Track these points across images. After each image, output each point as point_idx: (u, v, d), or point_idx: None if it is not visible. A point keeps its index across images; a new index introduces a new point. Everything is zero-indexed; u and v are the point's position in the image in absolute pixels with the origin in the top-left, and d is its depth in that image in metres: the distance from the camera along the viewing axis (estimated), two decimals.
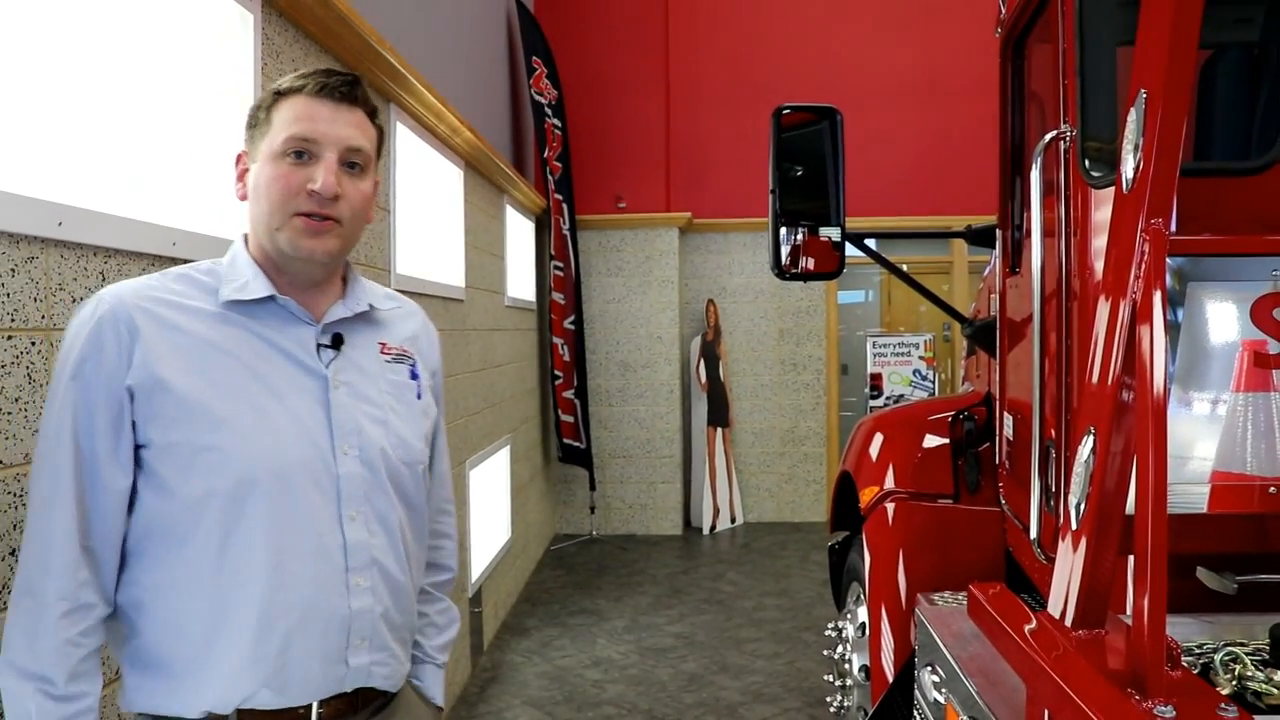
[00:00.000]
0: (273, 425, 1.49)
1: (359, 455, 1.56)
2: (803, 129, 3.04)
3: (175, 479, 1.45)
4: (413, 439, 1.67)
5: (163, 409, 1.44)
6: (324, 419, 1.54)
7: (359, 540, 1.55)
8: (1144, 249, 1.38)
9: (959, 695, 1.99)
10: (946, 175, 8.42)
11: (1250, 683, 1.52)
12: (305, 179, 1.51)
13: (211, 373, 1.47)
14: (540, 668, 5.30)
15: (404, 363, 1.71)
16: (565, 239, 7.94)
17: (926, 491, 3.10)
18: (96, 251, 1.99)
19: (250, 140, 1.58)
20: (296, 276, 1.58)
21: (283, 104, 1.53)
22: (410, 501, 1.66)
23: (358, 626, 1.55)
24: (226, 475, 1.45)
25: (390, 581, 1.60)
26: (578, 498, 8.48)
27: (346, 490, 1.54)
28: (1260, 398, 1.78)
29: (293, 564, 1.49)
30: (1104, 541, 1.40)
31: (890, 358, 8.46)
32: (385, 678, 1.61)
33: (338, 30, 3.25)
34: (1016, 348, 2.61)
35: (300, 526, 1.50)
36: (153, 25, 2.21)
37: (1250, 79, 2.08)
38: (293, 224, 1.52)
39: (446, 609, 1.90)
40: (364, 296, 1.67)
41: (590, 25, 8.55)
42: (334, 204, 1.53)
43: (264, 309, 1.55)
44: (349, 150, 1.55)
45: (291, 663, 1.49)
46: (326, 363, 1.57)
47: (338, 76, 1.56)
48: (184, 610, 1.47)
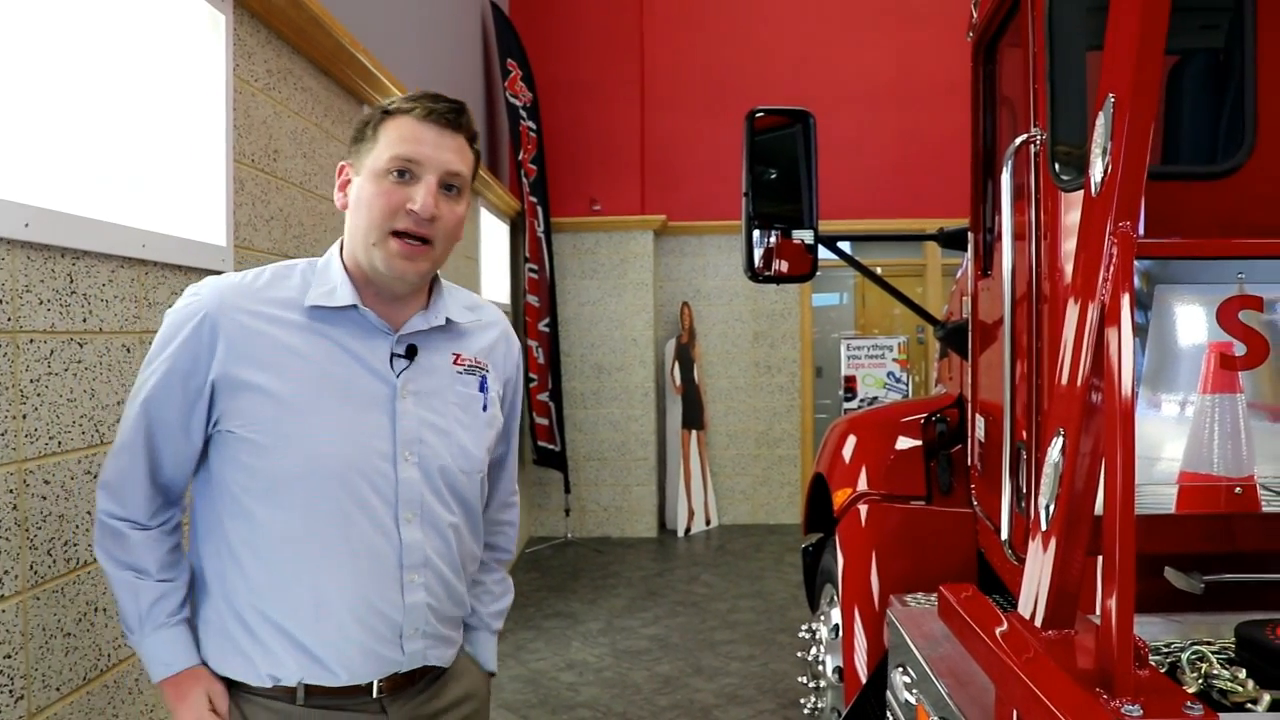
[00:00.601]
0: (342, 429, 1.61)
1: (418, 463, 1.67)
2: (776, 132, 3.04)
3: (250, 469, 1.59)
4: (474, 449, 1.76)
5: (240, 406, 1.58)
6: (389, 426, 1.65)
7: (414, 541, 1.66)
8: (1112, 252, 1.39)
9: (930, 696, 2.00)
10: (920, 178, 8.46)
11: (1216, 681, 1.53)
12: (405, 198, 1.60)
13: (289, 375, 1.59)
14: (514, 671, 5.28)
15: (475, 374, 1.79)
16: (540, 241, 7.93)
17: (899, 493, 3.11)
18: (64, 253, 1.98)
19: (355, 154, 1.68)
20: (383, 289, 1.67)
21: (390, 123, 1.63)
22: (467, 506, 1.77)
23: (411, 619, 1.67)
24: (293, 473, 1.58)
25: (442, 580, 1.71)
26: (552, 500, 8.46)
27: (404, 494, 1.65)
28: (1226, 399, 1.80)
29: (350, 560, 1.61)
30: (1073, 542, 1.41)
31: (864, 360, 8.48)
32: (439, 658, 1.75)
33: (310, 31, 3.23)
34: (988, 350, 2.63)
35: (358, 525, 1.61)
36: (123, 26, 2.19)
37: (1216, 84, 2.10)
38: (389, 244, 1.61)
39: (502, 579, 2.02)
40: (443, 310, 1.75)
41: (565, 28, 8.54)
42: (430, 225, 1.62)
43: (345, 316, 1.65)
44: (448, 174, 1.64)
45: (350, 649, 1.62)
46: (398, 372, 1.67)
47: (445, 103, 1.65)
48: (250, 587, 1.60)
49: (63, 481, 1.99)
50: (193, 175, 2.54)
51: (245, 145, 2.86)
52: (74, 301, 2.02)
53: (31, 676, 1.87)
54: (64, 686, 1.97)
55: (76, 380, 2.05)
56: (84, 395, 2.07)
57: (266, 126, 3.03)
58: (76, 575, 2.04)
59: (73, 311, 2.02)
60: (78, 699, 2.02)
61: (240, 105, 2.83)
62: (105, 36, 2.12)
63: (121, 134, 2.18)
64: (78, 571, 2.04)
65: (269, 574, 1.60)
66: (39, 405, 1.93)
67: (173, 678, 1.62)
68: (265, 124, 3.02)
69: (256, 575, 1.60)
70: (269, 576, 1.60)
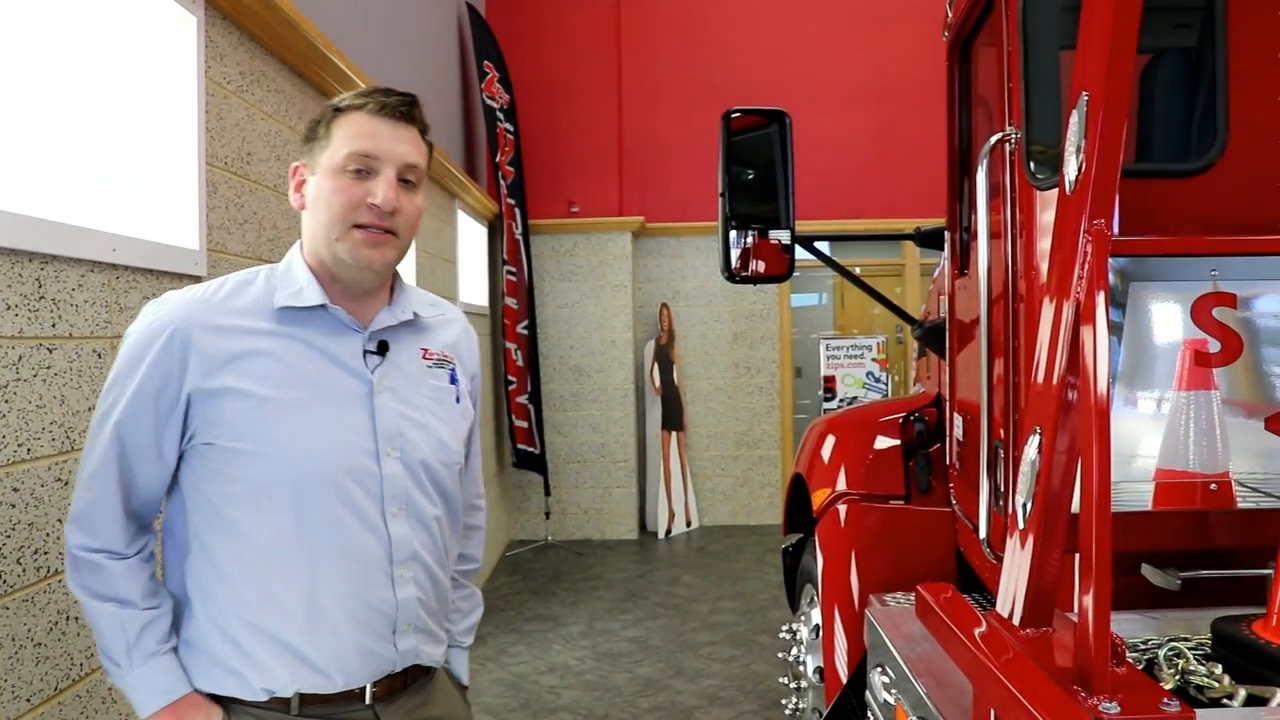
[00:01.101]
0: (323, 429, 1.61)
1: (400, 457, 1.67)
2: (752, 132, 3.04)
3: (231, 477, 1.57)
4: (451, 440, 1.78)
5: (222, 416, 1.57)
6: (369, 422, 1.65)
7: (401, 535, 1.67)
8: (1087, 249, 1.39)
9: (908, 696, 2.00)
10: (897, 178, 8.49)
11: (1193, 677, 1.53)
12: (365, 193, 1.61)
13: (266, 380, 1.59)
14: (496, 675, 5.27)
15: (444, 368, 1.81)
16: (518, 243, 7.91)
17: (878, 493, 3.11)
18: (32, 257, 1.95)
19: (309, 153, 1.67)
20: (350, 285, 1.68)
21: (343, 120, 1.63)
22: (448, 499, 1.78)
23: (404, 614, 1.67)
24: (279, 476, 1.57)
25: (429, 573, 1.72)
26: (532, 503, 8.44)
27: (389, 489, 1.66)
28: (1201, 396, 1.80)
29: (341, 558, 1.61)
30: (1050, 540, 1.41)
31: (844, 360, 8.50)
32: (429, 656, 1.75)
33: (283, 33, 3.21)
34: (965, 349, 2.63)
35: (347, 524, 1.61)
36: (90, 27, 2.17)
37: (1188, 83, 2.11)
38: (352, 235, 1.62)
39: (471, 595, 2.04)
40: (409, 305, 1.77)
41: (542, 29, 8.54)
42: (391, 217, 1.63)
43: (315, 316, 1.66)
44: (406, 167, 1.65)
45: (345, 650, 1.62)
46: (372, 369, 1.68)
47: (397, 96, 1.66)
48: (238, 600, 1.59)
49: (32, 489, 1.97)
50: (164, 178, 2.51)
51: (218, 148, 2.84)
52: (43, 306, 2.00)
53: (1, 687, 1.85)
54: (34, 697, 1.95)
55: (46, 386, 2.02)
56: (54, 401, 2.05)
57: (239, 129, 3.01)
58: (47, 584, 2.01)
59: (41, 317, 2.00)
60: (49, 709, 1.99)
61: (212, 107, 2.81)
62: (73, 38, 2.10)
63: (91, 137, 2.16)
64: (48, 580, 2.01)
65: (258, 583, 1.58)
66: (7, 412, 1.90)
67: (170, 706, 1.58)
68: (238, 126, 3.00)
69: (244, 587, 1.58)
70: (258, 586, 1.58)
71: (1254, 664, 1.53)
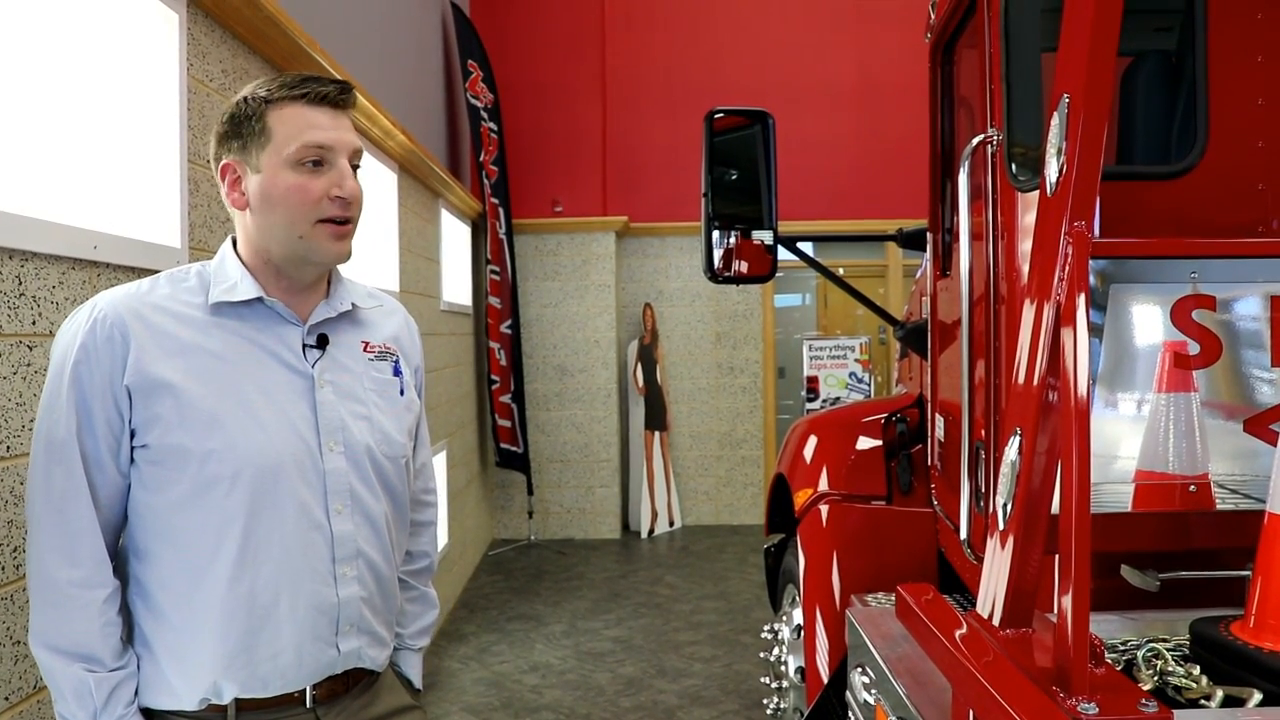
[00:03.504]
0: (262, 425, 1.56)
1: (344, 451, 1.63)
2: (735, 133, 3.05)
3: (171, 479, 1.52)
4: (396, 434, 1.73)
5: (158, 412, 1.51)
6: (310, 417, 1.61)
7: (345, 532, 1.63)
8: (1067, 251, 1.39)
9: (888, 696, 2.00)
10: (881, 179, 8.51)
11: (1171, 678, 1.54)
12: (325, 185, 1.57)
13: (204, 376, 1.54)
14: (478, 674, 5.26)
15: (387, 360, 1.77)
16: (501, 243, 7.90)
17: (860, 493, 3.12)
18: (12, 255, 1.94)
19: (241, 150, 1.59)
20: (295, 280, 1.64)
21: (278, 113, 1.57)
22: (394, 494, 1.74)
23: (346, 614, 1.63)
24: (219, 474, 1.52)
25: (374, 570, 1.68)
26: (515, 502, 8.43)
27: (333, 485, 1.62)
28: (1181, 398, 1.82)
29: (283, 557, 1.56)
30: (1030, 541, 1.42)
31: (827, 360, 8.51)
32: (373, 659, 1.70)
33: (266, 31, 3.20)
34: (947, 350, 2.64)
35: (290, 521, 1.57)
36: (71, 24, 2.16)
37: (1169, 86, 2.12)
38: (319, 231, 1.58)
39: (422, 595, 1.96)
40: (347, 296, 1.73)
41: (527, 29, 8.52)
42: (351, 206, 1.61)
43: (252, 310, 1.61)
44: (355, 152, 1.63)
45: (284, 652, 1.57)
46: (312, 362, 1.64)
47: (332, 84, 1.61)
48: (178, 605, 1.54)
49: (12, 486, 1.95)
50: (146, 176, 2.50)
51: (200, 145, 2.82)
52: (23, 304, 1.99)
53: None
54: (13, 695, 1.93)
55: (26, 384, 2.01)
56: (33, 399, 2.03)
57: None
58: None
59: (22, 314, 1.99)
60: (27, 708, 1.98)
61: (195, 105, 2.79)
62: (53, 35, 2.08)
63: (71, 134, 2.14)
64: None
65: (196, 587, 1.53)
66: None
67: None
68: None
69: (183, 591, 1.53)
70: (196, 589, 1.53)
71: (1232, 665, 1.54)
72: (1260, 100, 2.22)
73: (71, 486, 1.50)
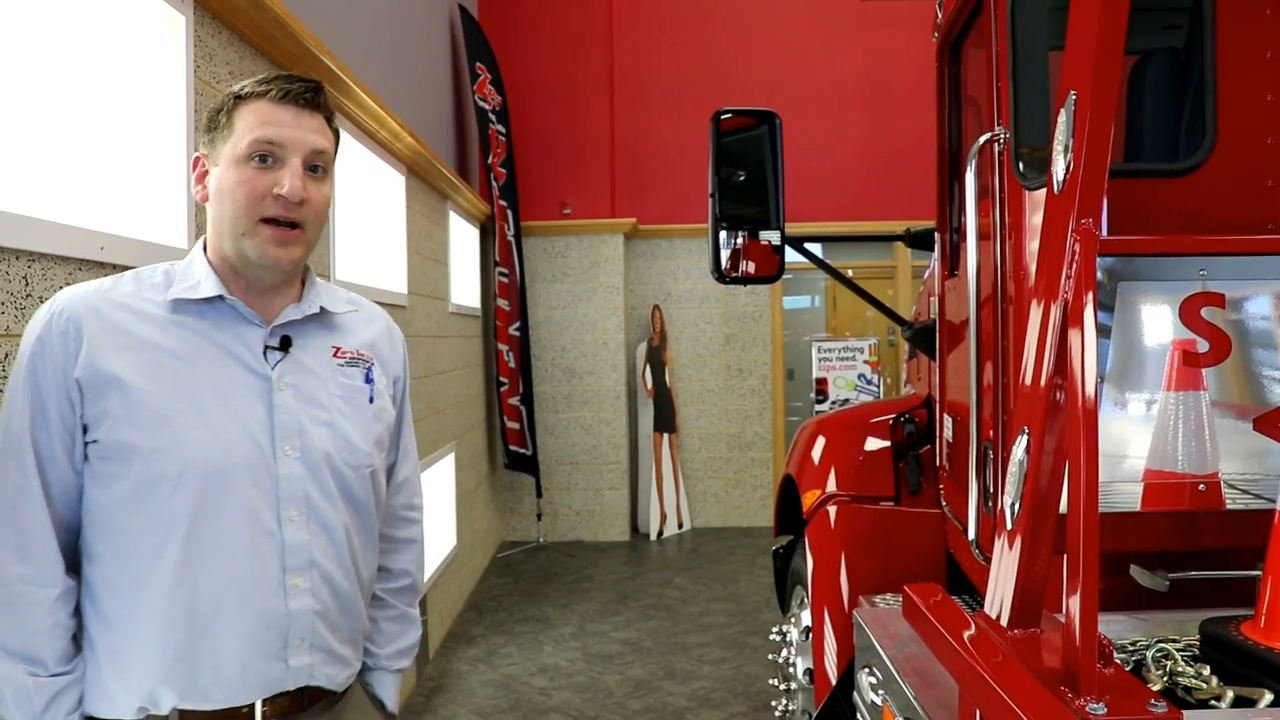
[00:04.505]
0: (214, 425, 1.51)
1: (300, 456, 1.58)
2: (742, 133, 3.04)
3: (117, 475, 1.48)
4: (360, 442, 1.67)
5: (109, 407, 1.47)
6: (266, 419, 1.56)
7: (298, 541, 1.56)
8: (1074, 249, 1.38)
9: (895, 697, 1.99)
10: (889, 181, 8.49)
11: (1181, 678, 1.53)
12: (271, 183, 1.53)
13: (156, 373, 1.50)
14: (486, 676, 5.25)
15: (358, 366, 1.71)
16: (510, 245, 7.90)
17: (868, 494, 3.11)
18: (19, 255, 1.94)
19: (210, 143, 1.59)
20: (253, 281, 1.60)
21: (244, 108, 1.56)
22: (358, 504, 1.67)
23: (296, 627, 1.56)
24: (164, 473, 1.48)
25: (331, 583, 1.61)
26: (524, 505, 8.43)
27: (286, 491, 1.56)
28: (1190, 397, 1.80)
29: (227, 563, 1.51)
30: (1038, 541, 1.41)
31: (835, 362, 8.49)
32: (329, 678, 1.63)
33: (273, 33, 3.20)
34: (955, 350, 2.63)
35: (238, 526, 1.52)
36: (79, 26, 2.16)
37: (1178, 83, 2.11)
38: (260, 231, 1.54)
39: (399, 615, 1.88)
40: (317, 300, 1.68)
41: (534, 31, 8.53)
42: (299, 208, 1.55)
43: (213, 309, 1.58)
44: (313, 153, 1.58)
45: (227, 664, 1.51)
46: (273, 364, 1.59)
47: (300, 82, 1.59)
48: (120, 608, 1.50)
49: None
50: (153, 177, 2.50)
51: None
52: (29, 305, 1.99)
53: None
54: None
55: None
56: None
57: None
58: None
59: (29, 315, 1.99)
60: None
61: (202, 106, 2.79)
62: (62, 37, 2.09)
63: (80, 135, 2.15)
64: None
65: (139, 590, 1.49)
66: None
67: None
68: None
69: (126, 594, 1.49)
70: (140, 593, 1.49)
71: (1242, 665, 1.53)
72: (1269, 97, 2.20)
73: (24, 482, 1.47)
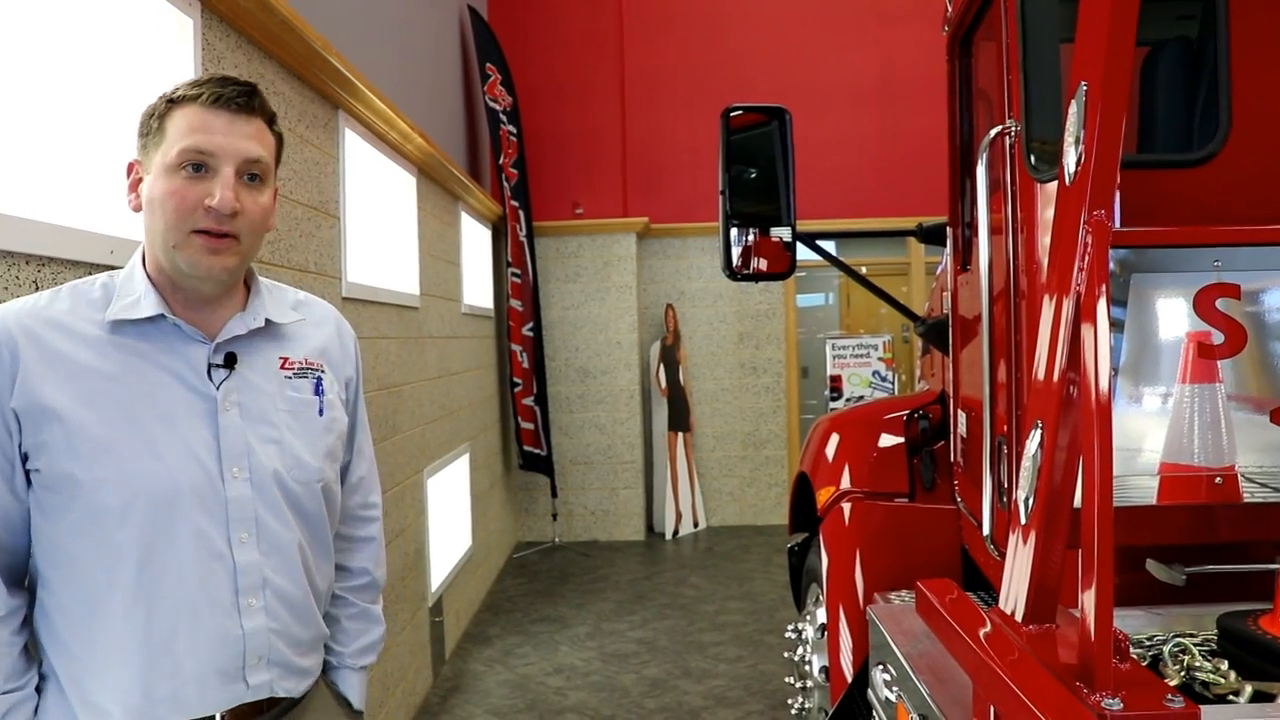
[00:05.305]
0: (158, 451, 1.48)
1: (248, 478, 1.55)
2: (752, 130, 3.03)
3: (63, 507, 1.45)
4: (310, 458, 1.64)
5: (49, 438, 1.43)
6: (212, 442, 1.53)
7: (249, 562, 1.54)
8: (1087, 241, 1.37)
9: (909, 693, 1.98)
10: (902, 178, 8.45)
11: (1198, 673, 1.52)
12: (203, 194, 1.47)
13: (96, 400, 1.45)
14: (502, 676, 5.26)
15: (307, 378, 1.67)
16: (522, 245, 7.90)
17: (882, 490, 3.10)
18: (29, 259, 1.94)
19: (143, 149, 1.54)
20: (192, 293, 1.55)
21: (176, 113, 1.50)
22: (310, 519, 1.66)
23: (253, 646, 1.55)
24: (110, 504, 1.44)
25: (286, 600, 1.60)
26: (539, 505, 8.43)
27: (235, 513, 1.53)
28: (1206, 389, 1.79)
29: (179, 589, 1.49)
30: (1052, 536, 1.40)
31: (850, 359, 8.47)
32: (288, 689, 1.63)
33: (281, 35, 3.20)
34: (968, 345, 2.61)
35: (187, 552, 1.49)
36: (85, 29, 2.16)
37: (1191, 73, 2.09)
38: (192, 242, 1.48)
39: (361, 613, 1.87)
40: (262, 311, 1.63)
41: (545, 32, 8.53)
42: (232, 220, 1.49)
43: (154, 328, 1.52)
44: (247, 162, 1.52)
45: (186, 684, 1.50)
46: (217, 384, 1.55)
47: (234, 86, 1.52)
48: (77, 632, 1.48)
49: None
50: None
51: None
52: None
53: None
54: None
55: None
56: None
57: None
58: None
59: None
60: None
61: None
62: (69, 41, 2.09)
63: (88, 140, 2.15)
64: None
65: (93, 617, 1.47)
66: None
67: None
68: None
69: (80, 622, 1.47)
70: (94, 620, 1.47)
71: (1260, 660, 1.52)
72: None
73: None
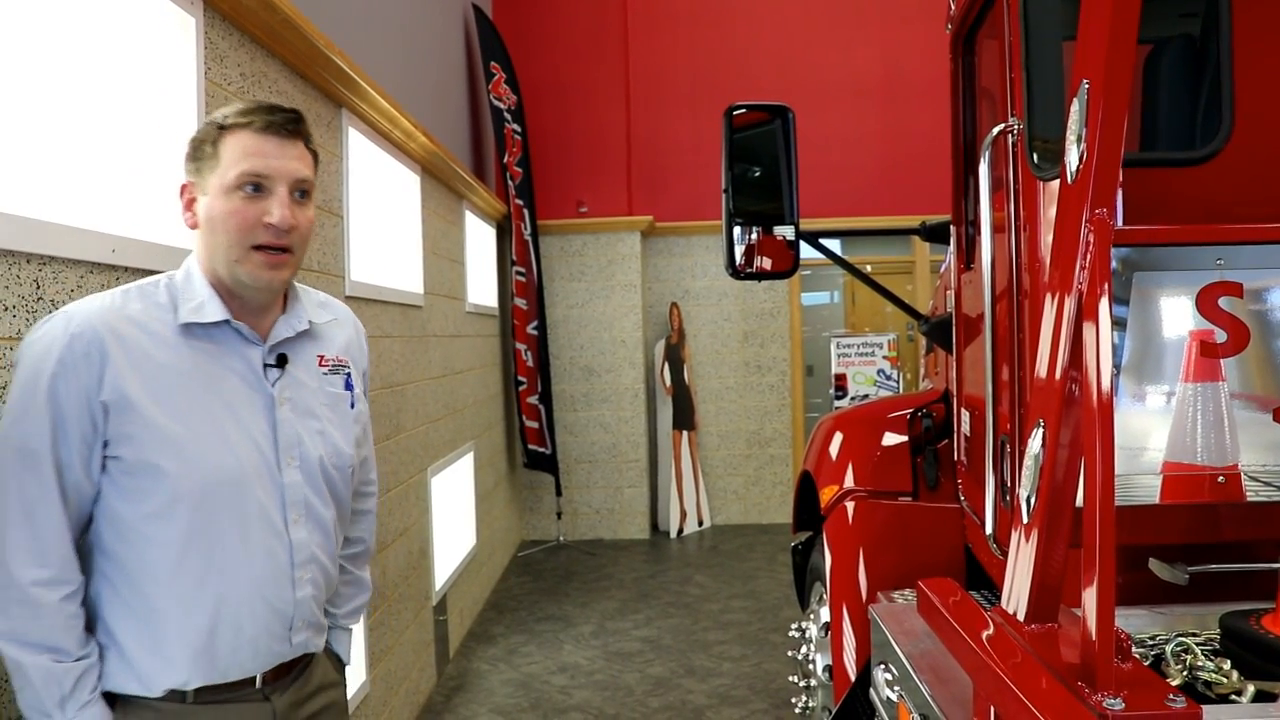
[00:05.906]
0: (228, 443, 1.68)
1: (300, 465, 1.78)
2: (755, 128, 3.03)
3: (143, 491, 1.62)
4: (345, 446, 1.89)
5: (132, 429, 1.60)
6: (270, 434, 1.74)
7: (301, 539, 1.77)
8: (1089, 239, 1.37)
9: (911, 693, 1.98)
10: (907, 175, 8.44)
11: (1201, 673, 1.51)
12: (260, 212, 1.67)
13: (174, 395, 1.64)
14: (506, 675, 5.26)
15: (340, 373, 1.92)
16: (527, 244, 7.90)
17: (886, 489, 3.09)
18: (30, 258, 1.95)
19: (196, 172, 1.72)
20: (249, 301, 1.75)
21: (229, 139, 1.68)
22: (341, 500, 1.90)
23: (300, 612, 1.78)
24: (188, 490, 1.63)
25: (324, 570, 1.85)
26: (544, 504, 8.43)
27: (290, 497, 1.76)
28: (1209, 388, 1.78)
29: (248, 564, 1.70)
30: (1054, 535, 1.39)
31: (854, 358, 8.47)
32: (316, 645, 1.88)
33: (284, 34, 3.20)
34: (971, 344, 2.61)
35: (254, 531, 1.70)
36: (87, 28, 2.16)
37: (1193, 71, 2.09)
38: (252, 257, 1.68)
39: (356, 579, 2.10)
40: (303, 314, 1.86)
41: (549, 30, 8.53)
42: (288, 234, 1.70)
43: (219, 330, 1.73)
44: (297, 181, 1.72)
45: (244, 647, 1.71)
46: (273, 381, 1.76)
47: (282, 114, 1.72)
48: (146, 605, 1.64)
49: None
50: (164, 180, 2.50)
51: None
52: (40, 308, 1.99)
53: None
54: None
55: None
56: None
57: None
58: None
59: (39, 318, 1.99)
60: None
61: (213, 109, 2.79)
62: (71, 40, 2.09)
63: (90, 138, 2.15)
64: None
65: (167, 592, 1.64)
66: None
67: None
68: None
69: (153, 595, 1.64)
70: (167, 594, 1.64)
71: (1263, 659, 1.51)
72: None
73: (44, 493, 1.57)
